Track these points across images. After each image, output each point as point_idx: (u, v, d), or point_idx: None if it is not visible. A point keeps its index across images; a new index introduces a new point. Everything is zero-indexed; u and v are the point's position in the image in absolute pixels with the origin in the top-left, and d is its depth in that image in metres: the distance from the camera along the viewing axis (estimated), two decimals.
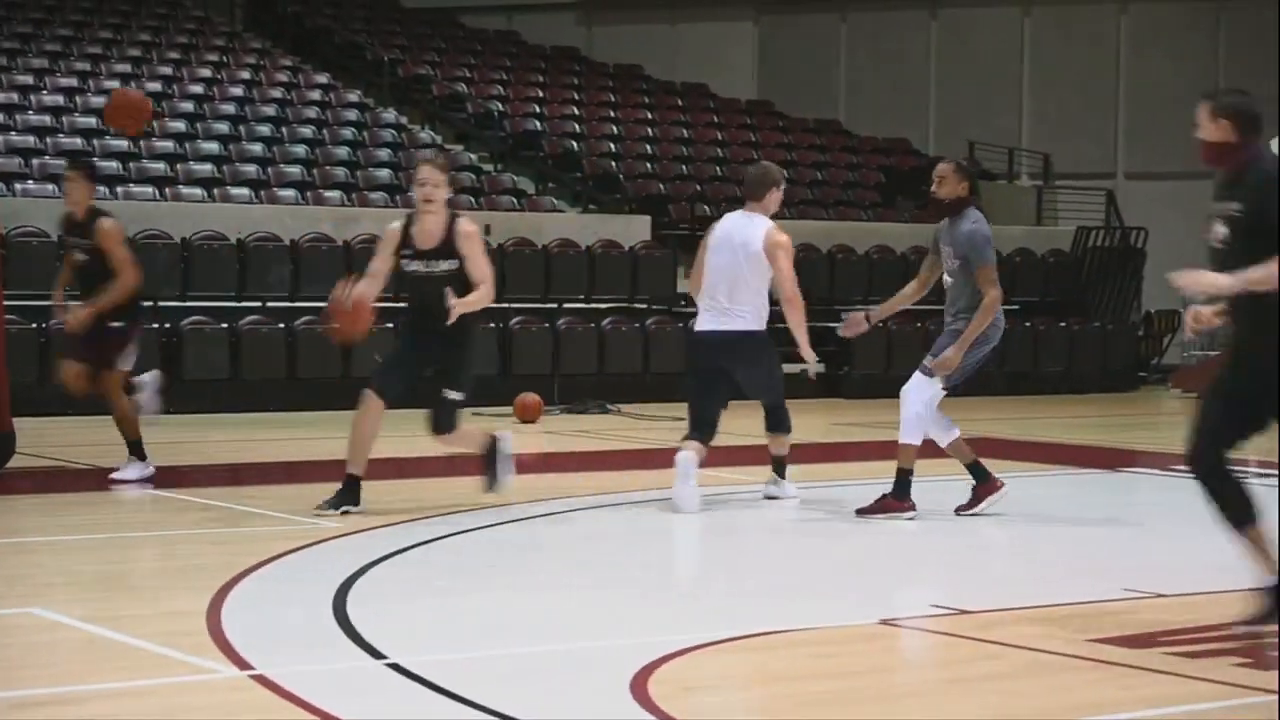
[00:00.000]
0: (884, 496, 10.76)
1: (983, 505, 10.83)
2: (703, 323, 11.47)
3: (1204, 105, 7.24)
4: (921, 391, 10.73)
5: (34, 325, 17.14)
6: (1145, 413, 21.49)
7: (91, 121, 21.21)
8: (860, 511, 10.80)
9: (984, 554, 9.93)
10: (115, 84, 22.66)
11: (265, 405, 18.08)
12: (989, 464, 11.14)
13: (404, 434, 12.84)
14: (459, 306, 10.41)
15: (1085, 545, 10.05)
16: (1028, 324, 23.20)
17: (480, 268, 10.63)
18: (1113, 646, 7.04)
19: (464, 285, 10.56)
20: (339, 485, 10.69)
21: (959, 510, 10.79)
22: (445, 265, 10.56)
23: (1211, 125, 7.23)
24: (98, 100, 21.81)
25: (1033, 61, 29.13)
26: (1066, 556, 9.66)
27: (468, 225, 10.75)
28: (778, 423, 11.79)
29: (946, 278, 11.00)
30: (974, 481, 10.91)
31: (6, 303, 16.99)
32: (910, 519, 10.60)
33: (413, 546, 9.53)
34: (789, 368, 12.06)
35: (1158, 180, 27.67)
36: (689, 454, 11.02)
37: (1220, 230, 7.02)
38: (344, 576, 8.41)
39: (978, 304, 10.74)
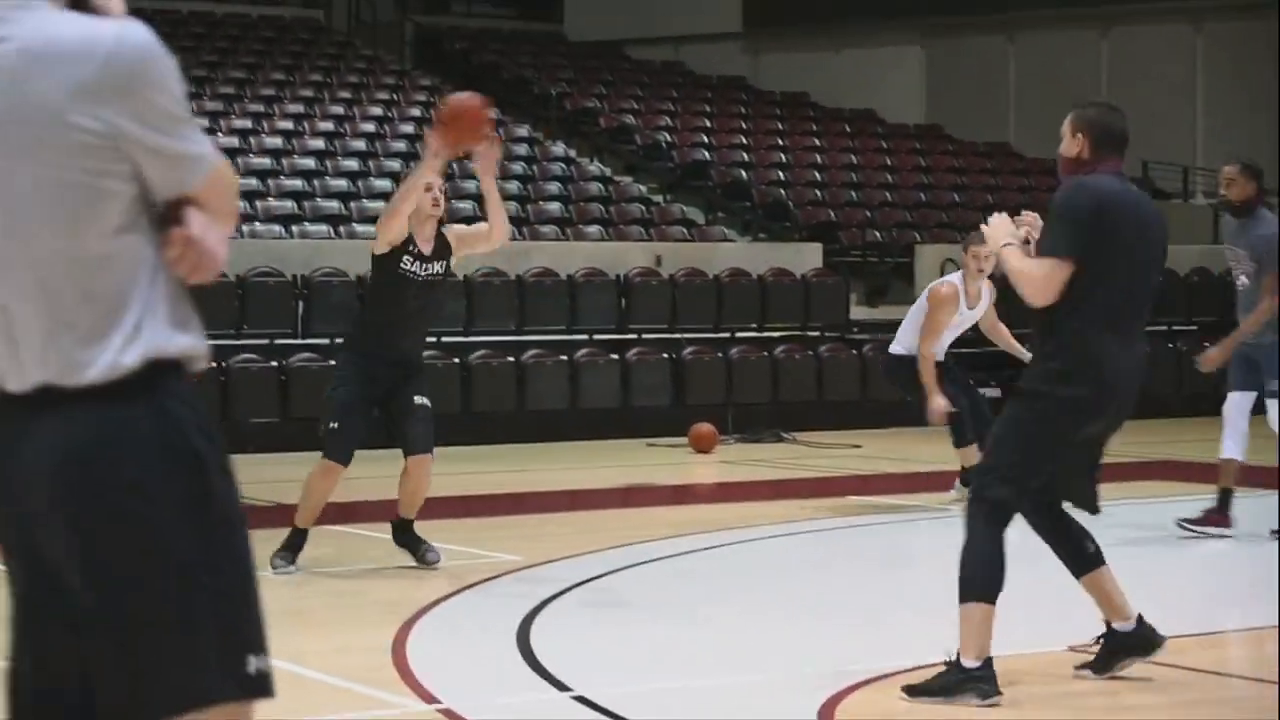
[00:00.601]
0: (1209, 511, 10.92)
1: (1207, 528, 10.86)
2: None
3: (1068, 117, 6.87)
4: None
5: (273, 363, 17.52)
6: None
7: (266, 162, 21.47)
8: (1185, 523, 10.94)
9: (1169, 576, 9.76)
10: (289, 125, 22.96)
11: (442, 439, 18.15)
12: (1176, 488, 10.98)
13: (574, 465, 12.86)
14: None
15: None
16: (1206, 345, 22.77)
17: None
18: None
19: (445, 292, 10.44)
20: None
21: (1181, 521, 10.87)
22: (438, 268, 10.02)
23: (1069, 139, 6.86)
24: (272, 141, 22.09)
25: (1206, 78, 28.72)
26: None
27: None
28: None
29: (1243, 279, 10.89)
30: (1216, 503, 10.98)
31: (245, 341, 17.48)
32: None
33: (594, 579, 9.52)
34: None
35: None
36: None
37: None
38: (527, 609, 8.41)
39: None
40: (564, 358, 18.89)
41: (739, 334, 20.42)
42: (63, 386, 3.14)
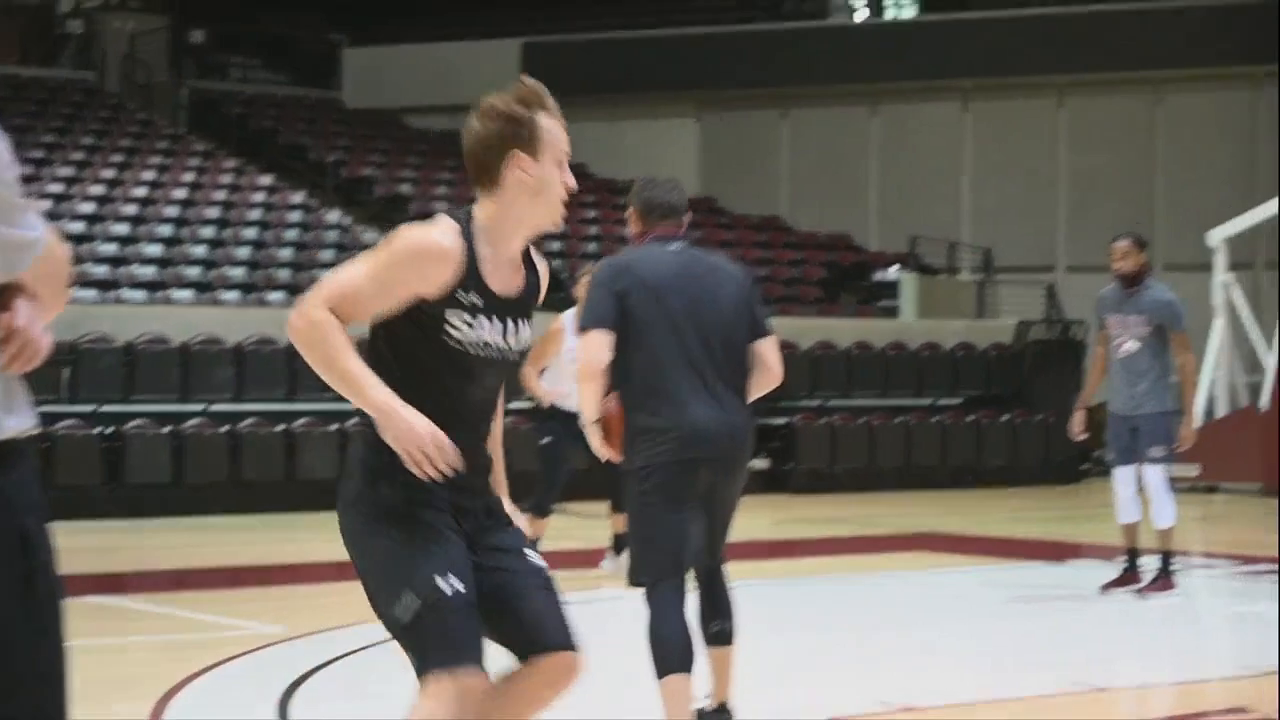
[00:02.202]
0: (1160, 575, 11.46)
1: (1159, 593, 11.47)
2: None
3: None
4: (1162, 476, 11.23)
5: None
6: (1087, 504, 21.57)
7: None
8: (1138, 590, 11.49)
9: (932, 649, 9.94)
10: (59, 188, 22.66)
11: (208, 509, 18.01)
12: (936, 559, 11.17)
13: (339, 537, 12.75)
14: None
15: (1033, 638, 10.06)
16: (970, 418, 23.26)
17: None
18: None
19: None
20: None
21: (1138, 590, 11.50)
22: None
23: (630, 219, 6.92)
24: (41, 204, 21.79)
25: (973, 155, 29.38)
26: (1017, 649, 9.67)
27: None
28: None
29: (1129, 346, 11.32)
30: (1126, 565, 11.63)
31: None
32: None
33: (359, 650, 9.48)
34: None
35: (1098, 272, 27.77)
36: None
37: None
38: (288, 682, 8.37)
39: (1168, 373, 11.23)
40: (334, 427, 18.81)
41: (512, 404, 20.44)
42: None
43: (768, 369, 6.69)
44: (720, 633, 6.87)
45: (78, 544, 14.80)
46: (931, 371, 23.27)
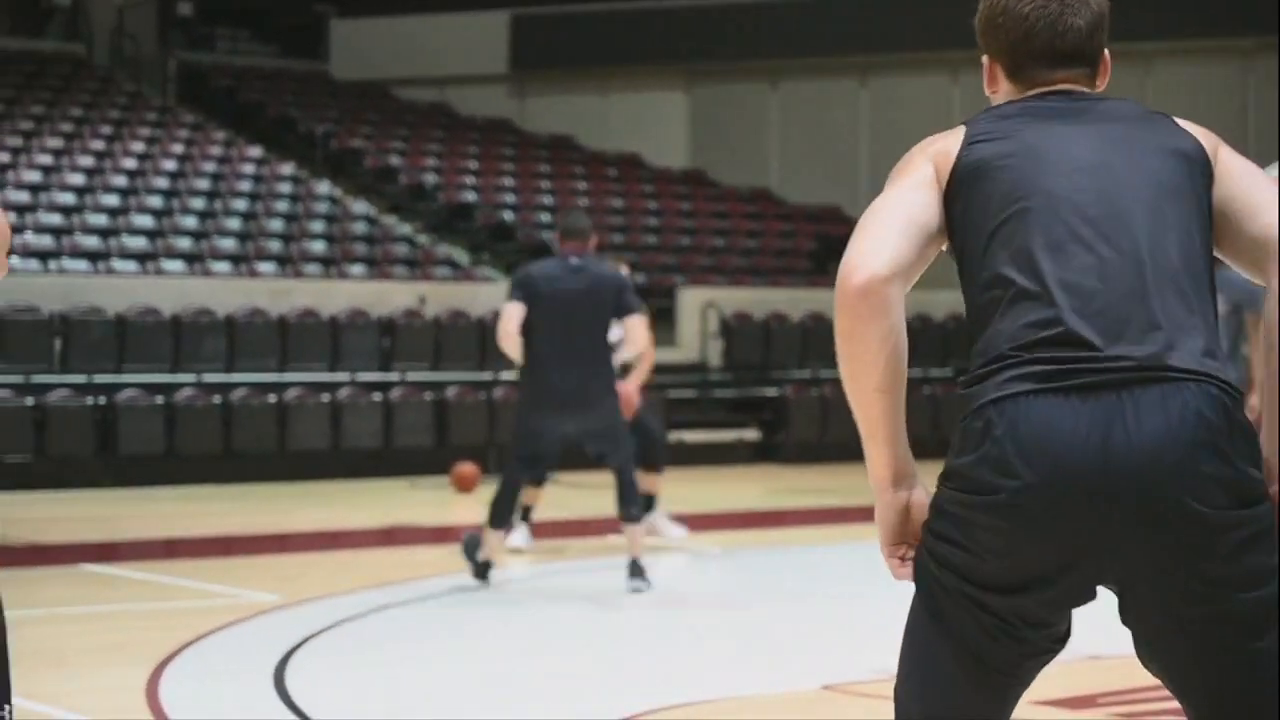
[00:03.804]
0: None
1: None
2: None
3: None
4: None
5: (29, 401, 17.15)
6: None
7: (24, 197, 21.14)
8: None
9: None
10: (48, 159, 22.62)
11: (200, 478, 18.01)
12: None
13: (335, 505, 12.83)
14: None
15: None
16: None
17: None
18: (1055, 709, 7.08)
19: None
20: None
21: None
22: None
23: None
24: (30, 175, 21.77)
25: None
26: None
27: None
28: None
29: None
30: None
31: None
32: None
33: (352, 618, 9.51)
34: None
35: None
36: None
37: None
38: (284, 649, 8.39)
39: (1237, 351, 10.90)
40: (326, 398, 18.83)
41: (502, 375, 20.49)
42: None
43: (631, 341, 10.52)
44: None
45: (70, 513, 14.85)
46: (922, 343, 23.29)
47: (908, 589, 3.26)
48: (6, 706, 3.31)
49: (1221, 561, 3.02)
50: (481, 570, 10.50)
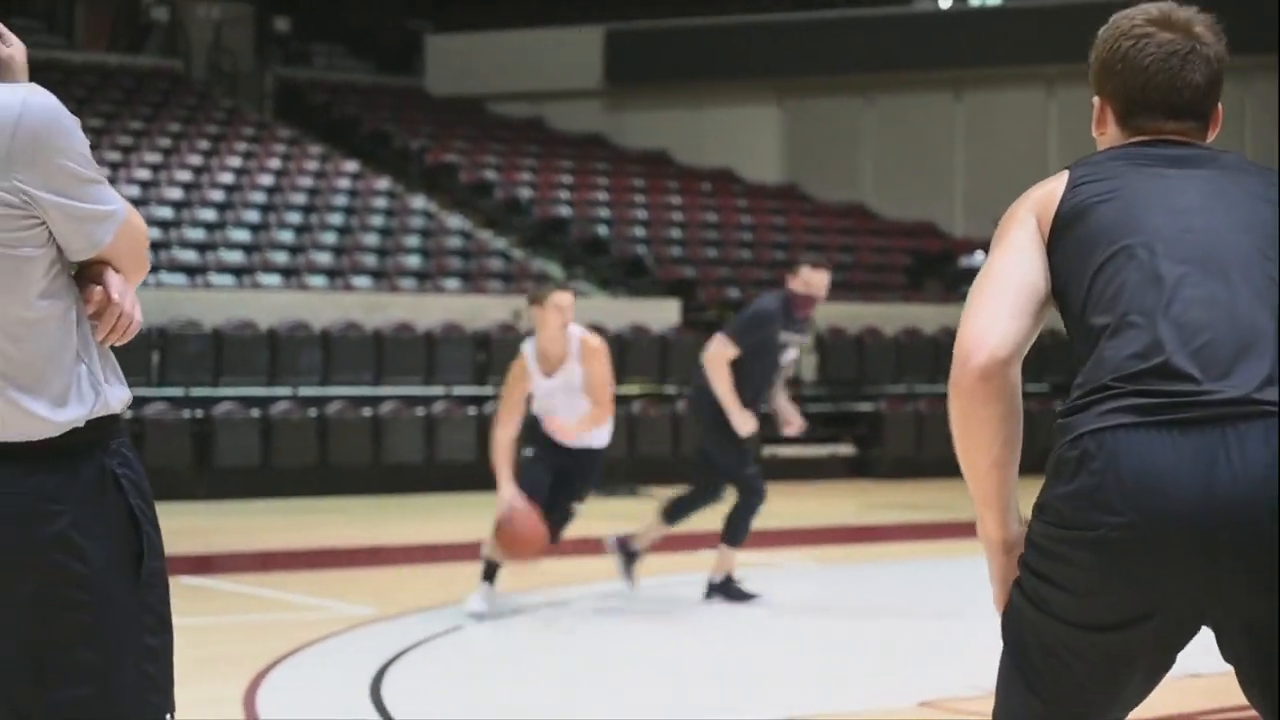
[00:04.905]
0: None
1: None
2: None
3: None
4: None
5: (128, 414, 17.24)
6: None
7: None
8: None
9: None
10: (146, 174, 22.82)
11: (296, 491, 18.10)
12: None
13: (431, 519, 12.83)
14: None
15: None
16: (1058, 404, 23.10)
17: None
18: None
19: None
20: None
21: None
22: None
23: None
24: (129, 190, 21.95)
25: (1058, 142, 29.20)
26: None
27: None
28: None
29: None
30: None
31: None
32: None
33: (448, 632, 9.52)
34: None
35: None
36: None
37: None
38: (380, 662, 8.41)
39: None
40: (421, 411, 18.89)
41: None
42: (9, 444, 3.17)
43: None
44: None
45: (167, 526, 14.80)
46: (911, 357, 23.08)
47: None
48: (169, 715, 3.39)
49: None
50: (736, 591, 10.56)
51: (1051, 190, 3.29)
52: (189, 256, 20.90)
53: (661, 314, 22.14)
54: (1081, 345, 3.16)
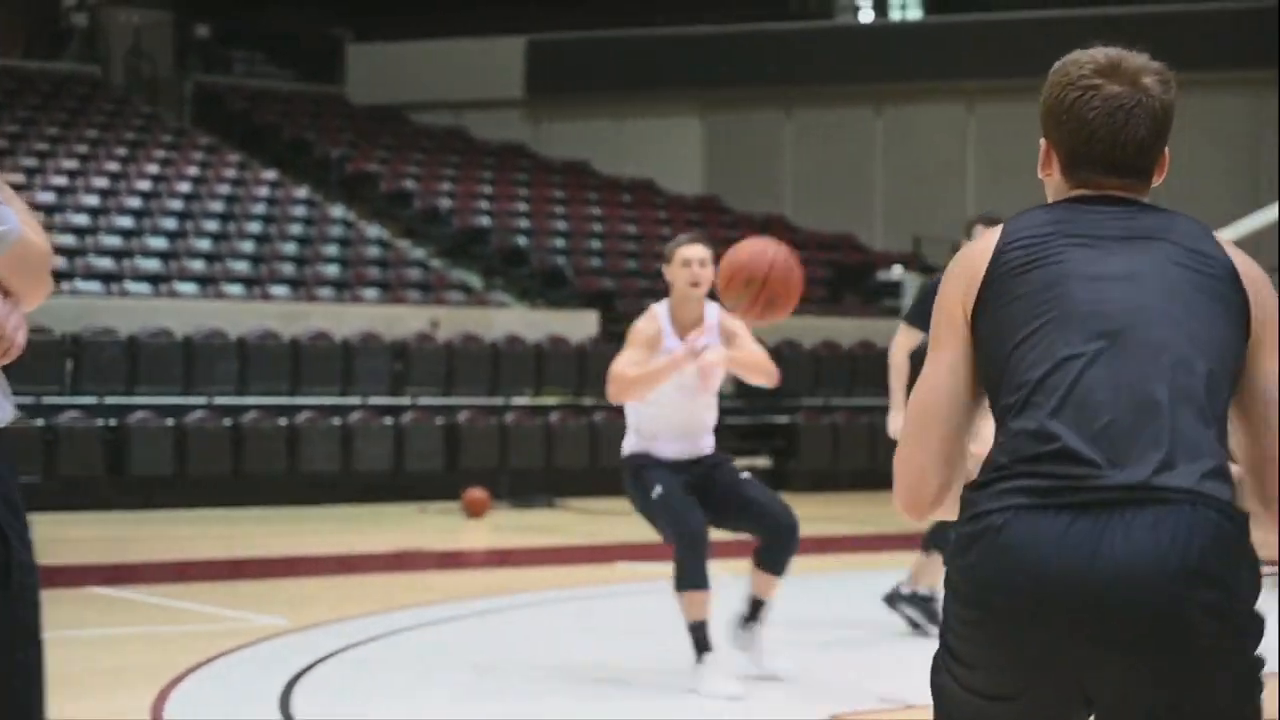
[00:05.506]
0: None
1: None
2: None
3: None
4: None
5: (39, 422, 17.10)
6: None
7: (38, 218, 21.13)
8: None
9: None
10: (63, 180, 22.65)
11: (211, 501, 18.01)
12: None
13: (345, 529, 12.81)
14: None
15: None
16: None
17: None
18: None
19: None
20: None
21: None
22: None
23: None
24: (45, 196, 21.79)
25: (977, 157, 29.38)
26: None
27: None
28: None
29: None
30: None
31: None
32: None
33: (360, 644, 9.48)
34: None
35: None
36: None
37: None
38: (290, 674, 8.37)
39: None
40: (337, 421, 18.83)
41: (514, 400, 20.48)
42: None
43: None
44: None
45: (80, 535, 14.83)
46: (830, 369, 23.18)
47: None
48: None
49: (1200, 696, 2.99)
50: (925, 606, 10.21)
51: (979, 256, 3.27)
52: (105, 263, 20.77)
53: (580, 325, 22.15)
54: (995, 422, 3.20)
